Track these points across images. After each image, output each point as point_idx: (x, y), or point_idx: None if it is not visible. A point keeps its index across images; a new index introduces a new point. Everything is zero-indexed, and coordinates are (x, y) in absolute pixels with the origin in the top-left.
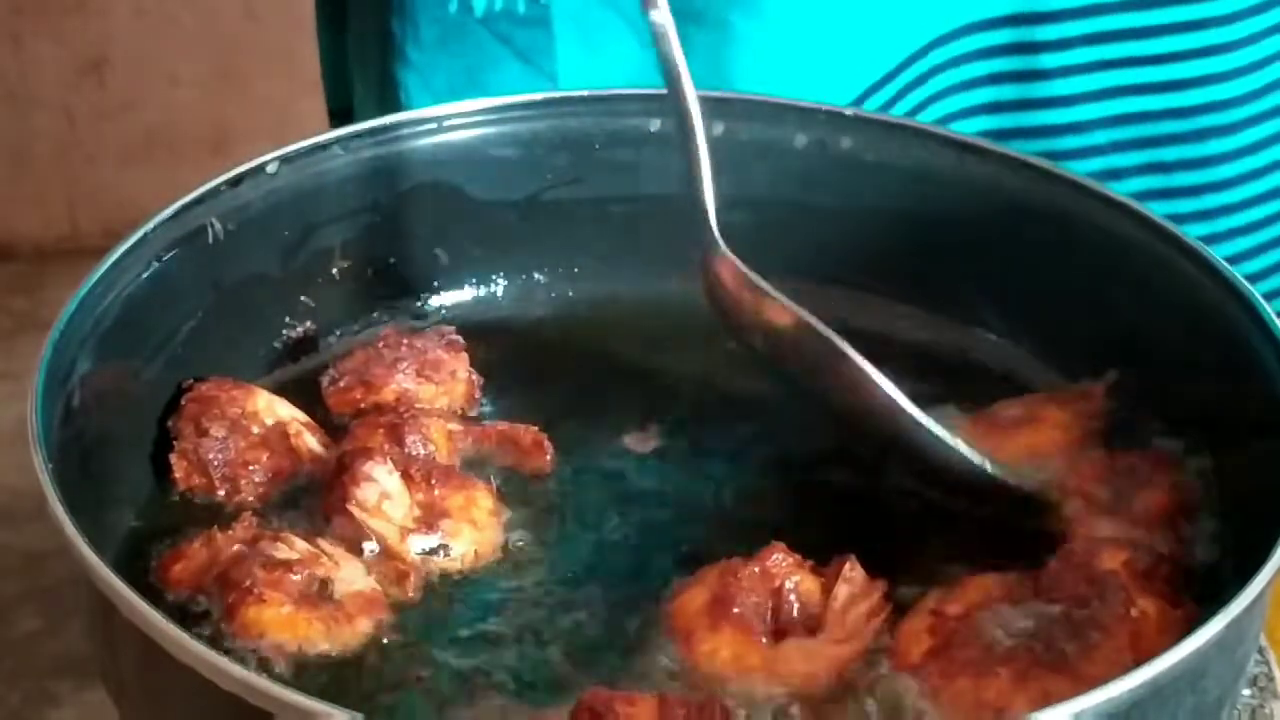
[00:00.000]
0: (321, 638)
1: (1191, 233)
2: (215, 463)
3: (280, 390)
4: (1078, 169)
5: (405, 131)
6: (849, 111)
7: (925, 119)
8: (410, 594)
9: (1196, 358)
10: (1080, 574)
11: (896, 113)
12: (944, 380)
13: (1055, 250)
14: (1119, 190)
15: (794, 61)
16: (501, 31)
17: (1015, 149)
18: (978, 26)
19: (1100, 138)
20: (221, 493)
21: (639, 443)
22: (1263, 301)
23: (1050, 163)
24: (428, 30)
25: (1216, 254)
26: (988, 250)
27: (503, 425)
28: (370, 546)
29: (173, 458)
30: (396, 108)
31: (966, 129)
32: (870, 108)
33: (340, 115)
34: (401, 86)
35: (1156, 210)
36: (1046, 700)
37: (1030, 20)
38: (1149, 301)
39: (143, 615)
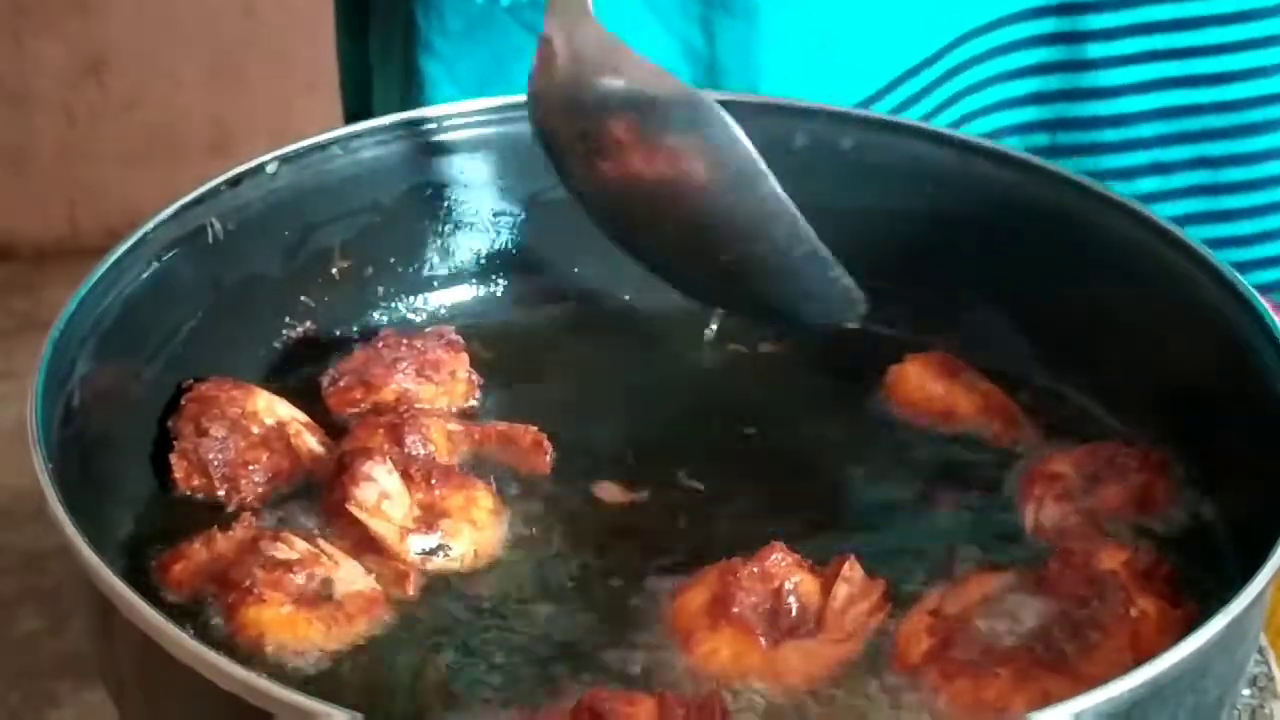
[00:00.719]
0: (321, 638)
1: (1241, 230)
2: (215, 463)
3: (280, 390)
4: (1123, 163)
5: (405, 131)
6: (849, 111)
7: (965, 108)
8: (410, 594)
9: (1196, 358)
10: (1080, 574)
11: (933, 101)
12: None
13: (1056, 250)
14: (1165, 185)
15: (823, 48)
16: (527, 20)
17: (1060, 141)
18: (1021, 16)
19: (1146, 130)
20: (221, 493)
21: (638, 441)
22: (1263, 301)
23: (1051, 163)
24: (454, 20)
25: (1268, 252)
26: (988, 250)
27: (503, 425)
28: (370, 547)
29: (173, 458)
30: (420, 100)
31: (1011, 119)
32: (903, 95)
33: (358, 118)
34: (427, 77)
35: (1205, 207)
36: (1046, 700)
37: (1076, 10)
38: (1149, 301)
39: (143, 615)
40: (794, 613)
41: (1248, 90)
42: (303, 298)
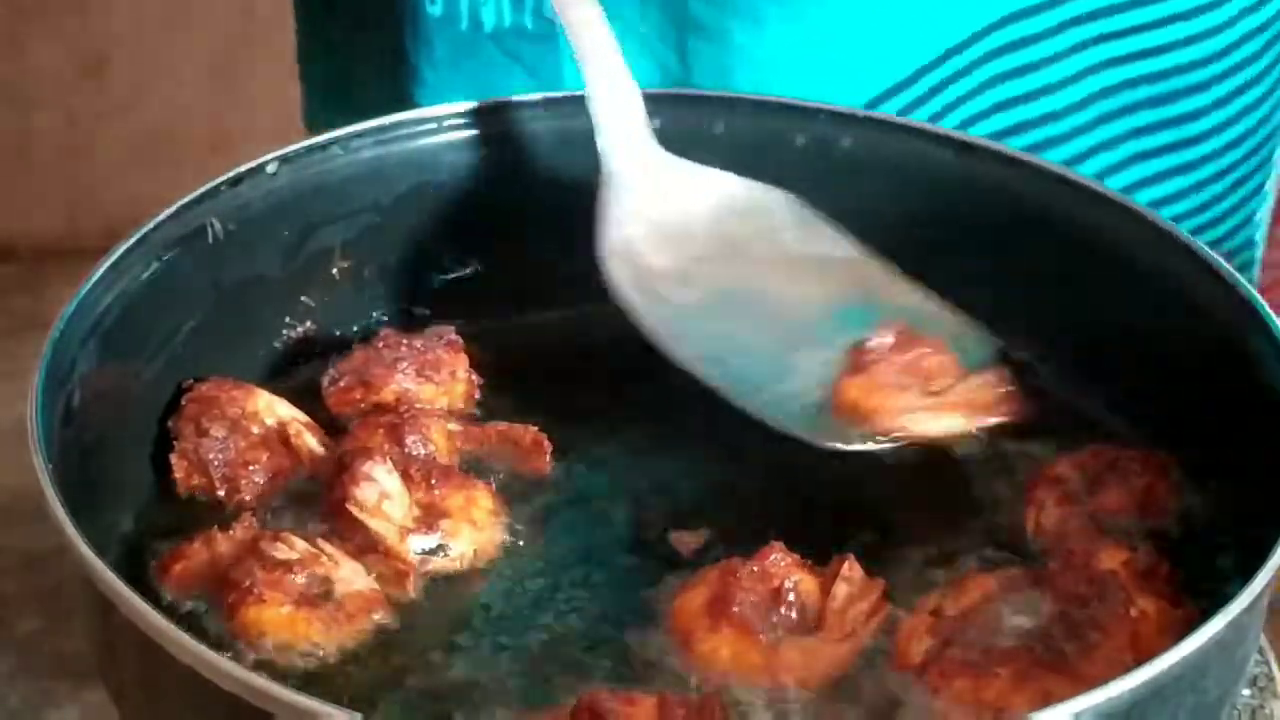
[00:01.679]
0: (321, 638)
1: (1174, 186)
2: (215, 463)
3: (280, 390)
4: (1074, 148)
5: (405, 131)
6: (849, 111)
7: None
8: (410, 594)
9: (1195, 357)
10: (1080, 574)
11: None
12: None
13: (1054, 250)
14: (1111, 159)
15: (795, 72)
16: (511, 48)
17: (1014, 145)
18: (984, 31)
19: (1091, 113)
20: (221, 493)
21: (638, 442)
22: (1263, 302)
23: (1050, 162)
24: (441, 48)
25: (1194, 203)
26: (987, 250)
27: (503, 425)
28: (370, 547)
29: (173, 458)
30: None
31: (984, 130)
32: None
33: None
34: (417, 104)
35: (1145, 170)
36: (1046, 700)
37: (1026, 14)
38: (1149, 301)
39: (143, 615)
40: (794, 612)
41: (1166, 62)
42: (303, 298)
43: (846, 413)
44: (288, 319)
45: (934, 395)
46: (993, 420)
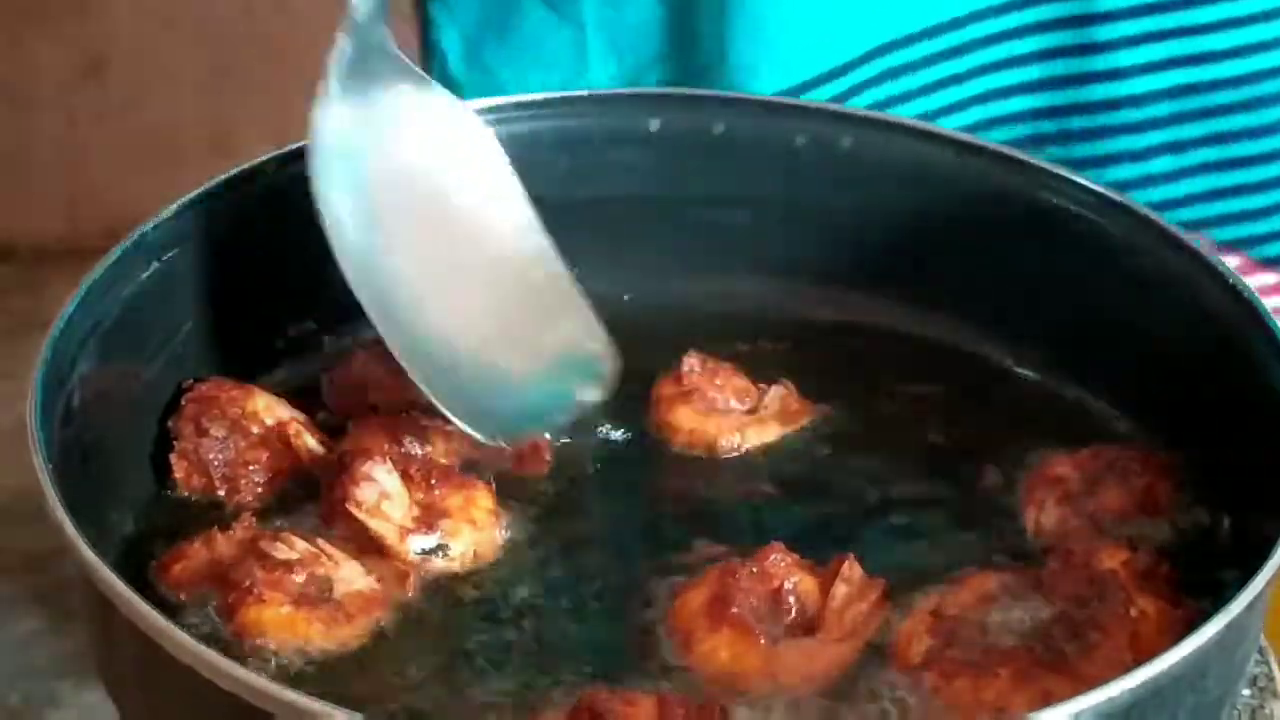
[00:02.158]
0: (321, 638)
1: (1255, 203)
2: (215, 463)
3: (280, 390)
4: (1136, 144)
5: None
6: (849, 111)
7: (961, 94)
8: (410, 594)
9: (1195, 357)
10: (1080, 574)
11: (919, 80)
12: (942, 380)
13: (1054, 250)
14: (1178, 164)
15: (775, 21)
16: None
17: (1073, 125)
18: (1024, 1)
19: (1160, 110)
20: (221, 493)
21: (638, 442)
22: (1262, 302)
23: (1050, 162)
24: None
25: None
26: (987, 250)
27: None
28: (370, 547)
29: (173, 458)
30: (429, 44)
31: (1009, 108)
32: (873, 72)
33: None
34: (432, 27)
35: (1217, 183)
36: (1046, 700)
37: None
38: (1149, 301)
39: (142, 615)
40: (793, 613)
41: (1258, 64)
42: (303, 298)
43: (682, 438)
44: (288, 319)
45: (751, 413)
46: (803, 424)
